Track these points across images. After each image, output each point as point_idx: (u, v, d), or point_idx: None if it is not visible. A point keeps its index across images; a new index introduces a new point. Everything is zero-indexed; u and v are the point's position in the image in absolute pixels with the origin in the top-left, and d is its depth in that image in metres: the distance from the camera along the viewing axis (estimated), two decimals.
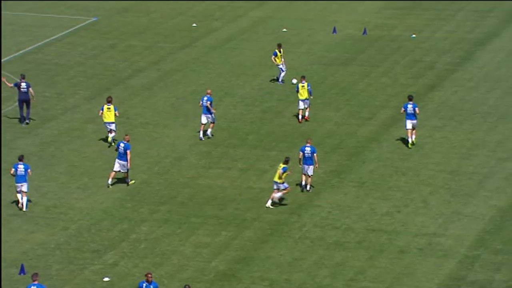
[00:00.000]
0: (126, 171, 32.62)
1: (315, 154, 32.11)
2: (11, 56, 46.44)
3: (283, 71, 42.22)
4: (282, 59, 42.09)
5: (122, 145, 32.61)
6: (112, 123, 35.53)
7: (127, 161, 32.38)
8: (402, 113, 35.90)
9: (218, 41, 49.15)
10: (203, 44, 48.68)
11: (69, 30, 50.81)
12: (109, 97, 36.22)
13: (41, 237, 29.37)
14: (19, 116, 38.11)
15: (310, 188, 32.20)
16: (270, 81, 42.75)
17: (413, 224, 30.25)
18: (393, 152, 35.51)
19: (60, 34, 50.14)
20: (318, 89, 42.15)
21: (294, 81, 39.54)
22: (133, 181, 32.83)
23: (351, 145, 35.92)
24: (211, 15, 53.71)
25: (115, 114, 35.40)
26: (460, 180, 33.20)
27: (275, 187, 31.13)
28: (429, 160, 34.86)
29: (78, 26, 51.47)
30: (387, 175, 33.64)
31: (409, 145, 35.40)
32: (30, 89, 37.84)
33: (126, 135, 33.42)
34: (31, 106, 37.91)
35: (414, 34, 50.09)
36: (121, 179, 33.24)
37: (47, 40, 49.13)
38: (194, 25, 51.97)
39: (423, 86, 42.69)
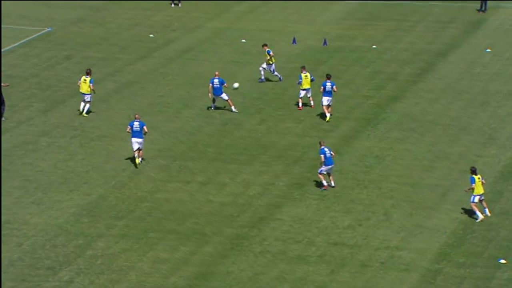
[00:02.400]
0: (142, 147, 34.58)
1: (332, 152, 33.54)
2: None
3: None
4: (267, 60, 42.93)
5: (136, 123, 34.72)
6: (87, 94, 38.70)
7: (143, 137, 34.52)
8: (321, 91, 39.05)
9: (176, 52, 49.15)
10: (161, 55, 48.64)
11: (23, 41, 50.44)
12: (88, 69, 39.23)
13: None
14: None
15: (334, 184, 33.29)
16: (230, 92, 42.84)
17: (375, 237, 30.46)
18: (355, 165, 35.76)
19: (13, 45, 49.73)
20: (279, 100, 42.35)
21: (236, 85, 39.63)
22: (143, 161, 34.51)
23: (312, 158, 36.09)
24: (169, 26, 53.71)
25: (89, 87, 37.93)
26: (422, 193, 33.54)
27: (477, 199, 30.84)
28: (391, 172, 35.16)
29: (32, 36, 51.13)
30: (348, 187, 33.85)
31: (328, 120, 38.87)
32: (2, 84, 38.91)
33: (136, 114, 35.32)
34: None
35: (375, 45, 50.57)
36: (77, 194, 33.02)
37: None
38: (151, 35, 51.92)
39: (384, 98, 43.09)
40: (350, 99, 42.88)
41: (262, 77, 43.30)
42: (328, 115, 39.32)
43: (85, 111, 39.31)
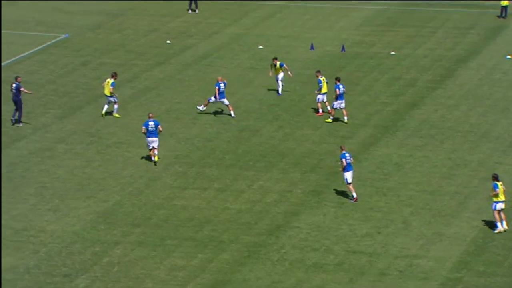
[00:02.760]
0: (156, 146, 35.33)
1: (351, 158, 33.57)
2: None
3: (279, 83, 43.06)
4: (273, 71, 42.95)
5: (151, 123, 35.44)
6: (109, 96, 39.89)
7: (158, 136, 35.33)
8: (336, 95, 39.48)
9: (193, 58, 49.28)
10: (178, 61, 48.80)
11: (39, 47, 50.75)
12: (114, 72, 40.59)
13: (10, 260, 29.17)
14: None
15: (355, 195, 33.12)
16: (247, 99, 42.90)
17: (393, 245, 30.38)
18: (373, 172, 35.69)
19: (30, 51, 50.04)
20: (296, 107, 42.36)
21: (200, 108, 40.17)
22: (158, 158, 35.22)
23: (330, 165, 36.06)
24: (186, 32, 53.88)
25: (110, 89, 39.63)
26: (441, 201, 33.42)
27: (499, 206, 30.78)
28: (409, 180, 35.06)
29: (49, 43, 51.43)
30: (367, 195, 33.78)
31: (328, 121, 39.80)
32: (22, 88, 39.42)
33: (150, 114, 36.02)
34: (23, 106, 39.51)
35: (393, 51, 50.49)
36: (93, 200, 33.15)
37: (15, 58, 48.99)
38: (168, 42, 52.10)
39: (403, 104, 43.00)
40: (368, 106, 42.83)
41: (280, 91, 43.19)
42: (346, 118, 39.88)
43: (103, 110, 40.26)
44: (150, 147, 35.66)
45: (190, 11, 57.66)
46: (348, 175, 32.95)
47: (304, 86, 45.08)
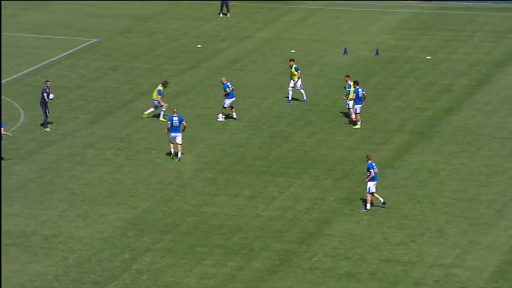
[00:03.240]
0: (180, 142, 36.32)
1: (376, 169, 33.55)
2: (9, 78, 46.78)
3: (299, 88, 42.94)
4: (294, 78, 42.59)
5: (175, 118, 36.53)
6: (155, 100, 40.65)
7: (181, 132, 36.32)
8: (354, 98, 39.62)
9: (225, 63, 49.42)
10: (209, 66, 48.97)
11: (69, 51, 51.19)
12: (165, 81, 41.20)
13: (39, 268, 29.43)
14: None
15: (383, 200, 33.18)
16: (279, 104, 42.93)
17: (428, 254, 30.23)
18: (408, 179, 35.56)
19: (60, 55, 50.50)
20: (329, 112, 42.31)
21: (221, 117, 40.12)
22: (181, 156, 36.18)
23: (363, 172, 35.97)
24: (217, 36, 54.06)
25: (156, 96, 40.55)
26: (478, 209, 33.20)
27: None
28: (445, 187, 34.88)
29: (79, 47, 51.85)
30: (401, 203, 33.65)
31: (356, 127, 39.76)
32: (44, 94, 40.08)
33: (174, 109, 37.11)
34: (47, 110, 40.17)
35: (429, 55, 50.28)
36: (123, 207, 33.35)
37: (46, 62, 49.47)
38: (199, 46, 52.30)
39: (439, 110, 42.81)
40: (403, 111, 42.67)
41: (290, 98, 42.77)
42: (359, 123, 39.95)
43: (147, 111, 41.04)
44: (172, 141, 36.64)
45: (221, 15, 57.85)
46: (372, 185, 32.80)
47: (337, 91, 45.00)
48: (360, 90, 39.91)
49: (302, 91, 42.72)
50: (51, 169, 36.47)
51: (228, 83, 40.89)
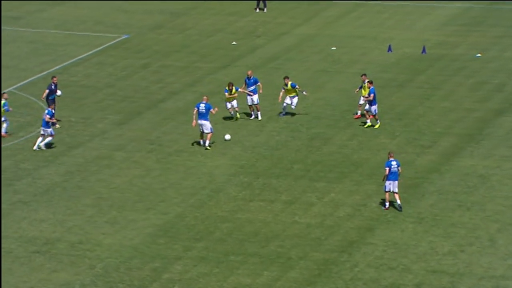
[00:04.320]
0: (209, 131, 37.34)
1: (399, 167, 33.27)
2: (34, 77, 47.22)
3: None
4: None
5: (202, 105, 37.69)
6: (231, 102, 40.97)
7: (208, 120, 37.19)
8: (371, 99, 39.59)
9: (261, 61, 49.47)
10: (244, 64, 49.04)
11: (98, 48, 51.57)
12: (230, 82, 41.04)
13: (65, 276, 29.65)
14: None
15: (400, 203, 33.06)
16: (318, 104, 42.86)
17: (478, 265, 30.00)
18: (456, 185, 35.34)
19: (88, 53, 50.89)
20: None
21: (227, 137, 39.23)
22: (210, 147, 37.20)
23: (408, 176, 35.80)
24: (253, 32, 54.13)
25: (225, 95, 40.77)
26: None
27: None
28: (496, 193, 34.60)
29: (107, 44, 52.21)
30: (449, 210, 33.45)
31: (377, 126, 39.83)
32: (46, 91, 40.57)
33: (204, 96, 38.36)
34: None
35: (479, 53, 49.92)
36: (153, 212, 33.50)
37: (73, 59, 49.88)
38: (234, 43, 52.40)
39: (490, 111, 42.48)
40: (451, 113, 42.42)
41: (284, 112, 41.64)
42: (378, 121, 39.96)
43: (232, 115, 41.14)
44: (201, 130, 37.48)
45: (258, 10, 57.90)
46: (388, 183, 32.91)
47: (380, 91, 44.84)
48: (375, 90, 39.76)
49: (292, 106, 40.96)
50: (78, 172, 36.73)
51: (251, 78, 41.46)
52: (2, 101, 39.54)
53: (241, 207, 33.85)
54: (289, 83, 40.90)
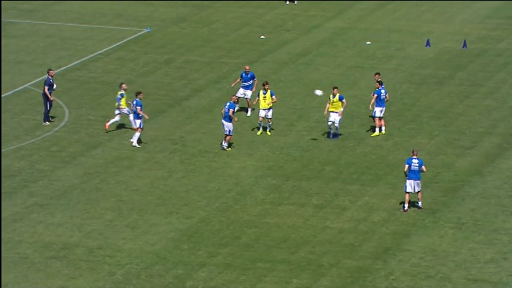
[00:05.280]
0: (227, 133, 37.38)
1: (423, 167, 33.20)
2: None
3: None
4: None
5: (227, 104, 37.63)
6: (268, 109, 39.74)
7: (230, 121, 37.23)
8: (373, 100, 38.84)
9: (290, 56, 49.49)
10: (273, 59, 49.07)
11: (118, 43, 51.80)
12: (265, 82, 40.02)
13: (83, 283, 29.86)
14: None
15: (421, 205, 33.14)
16: (352, 102, 42.84)
17: None
18: (500, 188, 35.20)
19: (107, 47, 51.14)
20: (409, 112, 42.07)
21: (318, 92, 39.19)
22: (229, 149, 37.02)
23: (448, 179, 35.69)
24: (282, 26, 54.15)
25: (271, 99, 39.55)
26: None
27: None
28: None
29: (128, 38, 52.45)
30: (491, 214, 33.32)
31: (376, 134, 38.81)
32: (46, 87, 40.67)
33: (233, 95, 38.51)
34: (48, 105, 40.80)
35: None
36: (176, 216, 33.62)
37: (92, 55, 50.15)
38: (262, 37, 52.45)
39: None
40: (494, 111, 42.22)
41: (331, 133, 39.37)
42: (377, 130, 39.13)
43: (260, 126, 39.80)
44: (226, 132, 37.54)
45: (287, 2, 57.95)
46: (408, 184, 32.95)
47: (418, 88, 44.74)
48: (383, 91, 39.17)
49: (337, 125, 39.37)
50: (97, 174, 36.94)
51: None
52: (120, 92, 39.97)
53: (269, 211, 33.90)
54: (337, 94, 38.94)
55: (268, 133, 38.81)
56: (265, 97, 38.81)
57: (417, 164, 33.16)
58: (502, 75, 46.42)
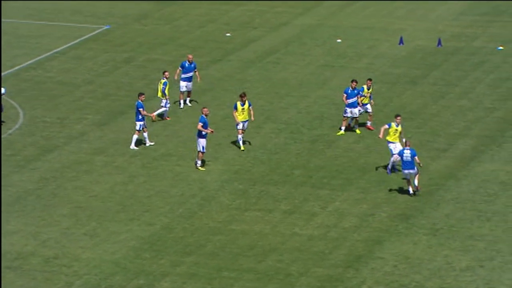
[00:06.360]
0: (200, 149, 36.39)
1: (415, 158, 33.96)
2: (5, 72, 47.18)
3: None
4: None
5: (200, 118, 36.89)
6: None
7: (201, 137, 36.14)
8: (344, 99, 39.09)
9: (257, 54, 49.49)
10: (239, 58, 49.05)
11: (75, 41, 51.57)
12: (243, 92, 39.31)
13: None
14: None
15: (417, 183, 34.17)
16: (321, 103, 42.90)
17: (499, 282, 30.04)
18: (475, 192, 35.36)
19: (64, 46, 50.89)
20: (381, 113, 42.16)
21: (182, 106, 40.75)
22: (202, 168, 36.29)
23: (422, 183, 35.80)
24: (249, 23, 54.14)
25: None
26: None
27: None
28: None
29: (87, 36, 52.21)
30: (467, 220, 33.47)
31: (340, 133, 39.26)
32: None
33: (204, 107, 37.20)
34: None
35: (500, 45, 49.97)
36: (137, 224, 33.49)
37: (48, 53, 49.88)
38: (228, 34, 52.42)
39: None
40: (469, 112, 42.45)
41: (390, 167, 37.53)
42: (343, 129, 39.71)
43: (238, 141, 38.80)
44: (198, 149, 36.93)
45: None
46: (406, 172, 33.97)
47: (390, 88, 44.87)
48: (360, 92, 39.55)
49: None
50: (53, 179, 36.71)
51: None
52: (163, 80, 40.38)
53: (235, 218, 33.84)
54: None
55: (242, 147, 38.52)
56: (243, 108, 38.38)
57: (409, 155, 33.68)
58: (477, 74, 46.67)
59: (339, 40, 50.95)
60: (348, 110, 39.53)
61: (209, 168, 37.27)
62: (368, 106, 40.07)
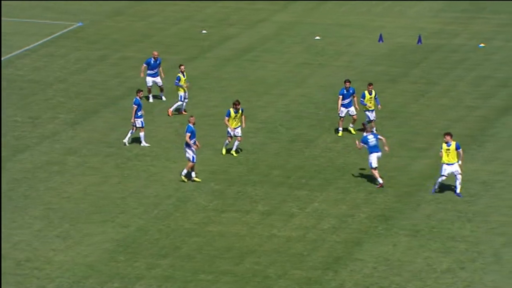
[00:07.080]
0: (190, 160, 35.67)
1: (379, 138, 34.62)
2: None
3: None
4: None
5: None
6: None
7: (188, 147, 35.66)
8: (339, 100, 39.37)
9: (234, 52, 49.51)
10: (215, 56, 49.06)
11: (47, 38, 51.41)
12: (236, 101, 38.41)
13: None
14: None
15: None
16: (299, 102, 42.96)
17: (481, 284, 30.19)
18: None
19: (36, 43, 50.73)
20: (360, 112, 42.27)
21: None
22: (198, 179, 35.69)
23: (402, 183, 35.94)
24: (225, 20, 54.15)
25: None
26: None
27: None
28: (502, 202, 34.81)
29: (58, 33, 52.06)
30: (448, 221, 33.62)
31: (340, 134, 39.60)
32: None
33: (191, 116, 36.61)
34: None
35: (482, 43, 50.20)
36: (111, 225, 33.44)
37: (19, 51, 49.71)
38: (204, 32, 52.40)
39: (494, 109, 42.73)
40: (450, 111, 42.62)
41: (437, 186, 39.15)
42: (341, 129, 39.84)
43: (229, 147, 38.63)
44: (187, 158, 36.42)
45: None
46: (373, 159, 34.27)
47: None
48: (351, 91, 39.83)
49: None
50: (24, 180, 36.61)
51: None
52: (179, 74, 40.62)
53: (212, 219, 33.86)
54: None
55: (234, 153, 38.36)
56: (236, 115, 38.19)
57: (374, 139, 34.34)
58: (458, 72, 46.87)
59: (317, 38, 51.04)
60: (344, 110, 39.66)
61: (184, 167, 37.25)
62: (368, 113, 39.67)
